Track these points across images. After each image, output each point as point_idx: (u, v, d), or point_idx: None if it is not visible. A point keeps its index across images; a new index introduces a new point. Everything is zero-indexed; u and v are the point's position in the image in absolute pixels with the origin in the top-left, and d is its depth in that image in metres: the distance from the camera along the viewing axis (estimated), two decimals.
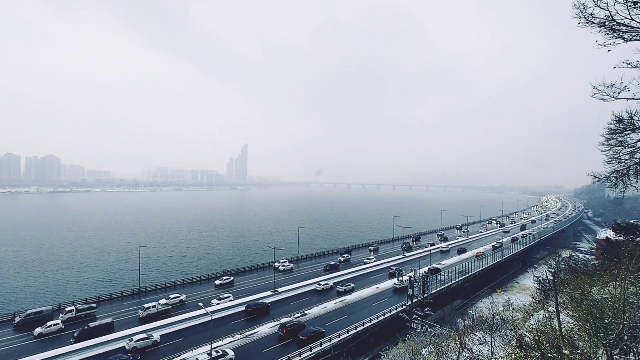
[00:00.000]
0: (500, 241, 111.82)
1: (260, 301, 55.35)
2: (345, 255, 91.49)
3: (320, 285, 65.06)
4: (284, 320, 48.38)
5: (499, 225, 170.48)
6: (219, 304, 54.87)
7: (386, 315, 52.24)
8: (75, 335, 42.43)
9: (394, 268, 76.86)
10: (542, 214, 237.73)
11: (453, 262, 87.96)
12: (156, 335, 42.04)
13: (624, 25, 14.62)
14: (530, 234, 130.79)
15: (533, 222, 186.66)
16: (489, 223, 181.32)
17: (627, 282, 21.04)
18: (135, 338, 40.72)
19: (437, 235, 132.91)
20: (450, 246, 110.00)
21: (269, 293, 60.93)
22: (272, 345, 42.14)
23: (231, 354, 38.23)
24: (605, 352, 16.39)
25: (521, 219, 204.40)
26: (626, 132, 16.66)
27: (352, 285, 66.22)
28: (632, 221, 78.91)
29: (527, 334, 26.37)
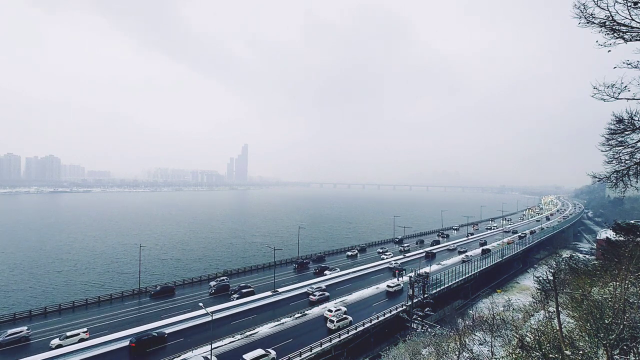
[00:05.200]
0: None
1: None
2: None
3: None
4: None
5: (444, 239, 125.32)
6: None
7: (386, 315, 52.22)
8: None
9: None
10: (535, 216, 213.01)
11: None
12: None
13: (624, 25, 14.64)
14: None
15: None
16: (438, 235, 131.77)
17: (627, 282, 21.06)
18: None
19: (379, 248, 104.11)
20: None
21: (269, 293, 60.97)
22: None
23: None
24: (605, 352, 16.39)
25: (487, 228, 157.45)
26: (626, 132, 16.67)
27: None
28: (632, 221, 78.73)
29: (528, 334, 26.38)
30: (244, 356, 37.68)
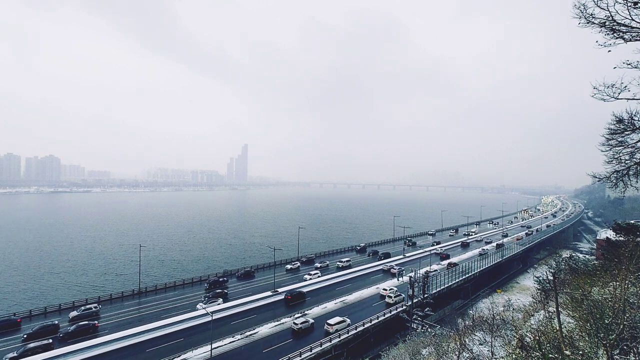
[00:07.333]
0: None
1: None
2: None
3: None
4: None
5: (409, 249, 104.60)
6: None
7: (386, 315, 52.20)
8: None
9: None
10: (528, 219, 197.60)
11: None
12: None
13: (624, 25, 14.63)
14: None
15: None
16: (405, 242, 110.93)
17: (627, 282, 21.05)
18: None
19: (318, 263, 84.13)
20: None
21: (269, 293, 60.97)
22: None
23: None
24: (605, 352, 16.38)
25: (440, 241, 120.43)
26: (626, 132, 16.66)
27: None
28: (632, 221, 78.83)
29: (528, 334, 26.37)
30: (328, 321, 46.32)
